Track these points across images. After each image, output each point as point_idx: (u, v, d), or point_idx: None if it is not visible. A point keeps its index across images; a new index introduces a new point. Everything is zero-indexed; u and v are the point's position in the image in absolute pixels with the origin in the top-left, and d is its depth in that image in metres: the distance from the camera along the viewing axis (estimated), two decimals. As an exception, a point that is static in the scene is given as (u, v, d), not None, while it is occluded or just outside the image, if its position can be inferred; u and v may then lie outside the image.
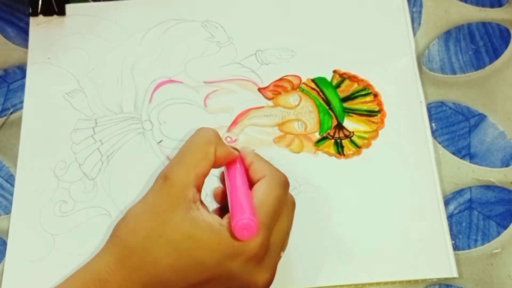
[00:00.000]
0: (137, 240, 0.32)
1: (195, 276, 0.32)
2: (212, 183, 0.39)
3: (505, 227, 0.45)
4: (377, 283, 0.43)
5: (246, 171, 0.37)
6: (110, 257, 0.33)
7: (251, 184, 0.36)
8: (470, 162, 0.47)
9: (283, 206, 0.35)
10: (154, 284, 0.33)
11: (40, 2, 0.52)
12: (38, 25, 0.52)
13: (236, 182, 0.35)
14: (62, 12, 0.52)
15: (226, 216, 0.33)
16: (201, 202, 0.34)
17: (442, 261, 0.43)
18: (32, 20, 0.52)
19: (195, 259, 0.32)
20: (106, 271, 0.33)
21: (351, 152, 0.47)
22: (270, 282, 0.34)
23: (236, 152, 0.37)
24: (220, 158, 0.35)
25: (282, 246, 0.36)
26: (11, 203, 0.46)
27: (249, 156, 0.37)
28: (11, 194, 0.46)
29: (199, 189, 0.34)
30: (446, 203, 0.45)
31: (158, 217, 0.32)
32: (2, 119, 0.49)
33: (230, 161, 0.36)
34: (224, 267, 0.32)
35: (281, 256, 0.36)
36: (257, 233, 0.32)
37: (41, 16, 0.52)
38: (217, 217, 0.33)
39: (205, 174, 0.34)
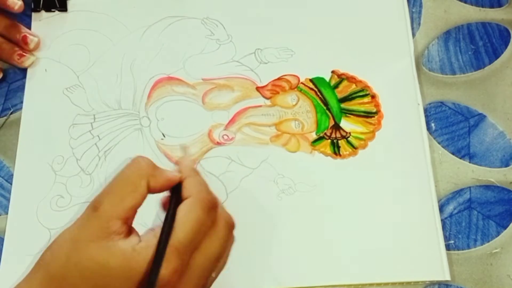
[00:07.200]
0: (57, 267, 0.32)
1: None
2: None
3: (505, 227, 0.45)
4: (370, 284, 0.43)
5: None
6: (34, 281, 0.33)
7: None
8: (470, 162, 0.47)
9: (206, 230, 0.34)
10: None
11: (42, -2, 0.52)
12: (40, 21, 0.52)
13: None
14: (64, 8, 0.52)
15: (144, 238, 0.33)
16: (129, 232, 0.33)
17: (435, 264, 0.43)
18: (34, 15, 0.52)
19: (109, 287, 0.32)
20: None
21: (347, 152, 0.47)
22: None
23: (178, 176, 0.36)
24: (155, 188, 0.35)
25: (209, 268, 0.35)
26: (11, 203, 0.46)
27: (183, 172, 0.36)
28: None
29: (126, 221, 0.33)
30: (446, 203, 0.45)
31: (77, 245, 0.32)
32: (2, 119, 0.49)
33: (173, 185, 0.36)
34: None
35: (213, 277, 0.35)
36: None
37: (43, 12, 0.52)
38: (133, 241, 0.32)
39: (136, 206, 0.34)
